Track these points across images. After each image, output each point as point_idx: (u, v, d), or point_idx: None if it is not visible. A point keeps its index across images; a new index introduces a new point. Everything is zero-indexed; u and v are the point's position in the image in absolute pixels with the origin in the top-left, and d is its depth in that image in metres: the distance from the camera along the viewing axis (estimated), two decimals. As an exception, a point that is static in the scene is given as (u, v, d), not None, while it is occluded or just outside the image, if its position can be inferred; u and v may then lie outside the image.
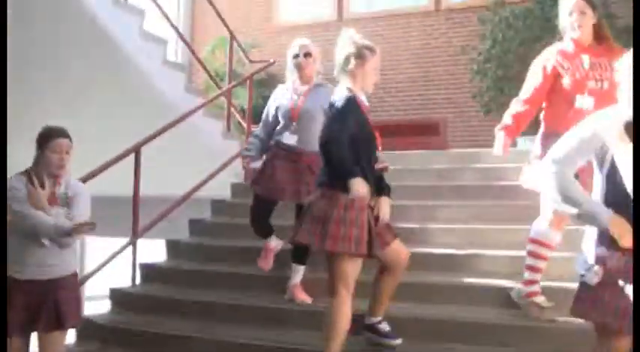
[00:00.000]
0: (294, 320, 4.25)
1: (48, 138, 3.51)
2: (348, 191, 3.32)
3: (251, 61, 7.41)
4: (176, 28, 6.77)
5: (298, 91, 4.53)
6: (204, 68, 6.75)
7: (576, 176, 2.64)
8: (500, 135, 3.98)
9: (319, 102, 4.28)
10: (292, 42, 4.59)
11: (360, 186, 3.33)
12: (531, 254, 3.85)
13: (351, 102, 3.50)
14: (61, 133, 3.54)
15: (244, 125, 6.71)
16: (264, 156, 4.63)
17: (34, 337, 3.55)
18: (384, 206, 3.57)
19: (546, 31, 7.62)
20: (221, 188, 5.91)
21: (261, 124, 4.72)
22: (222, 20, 6.86)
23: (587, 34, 3.85)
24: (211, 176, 5.62)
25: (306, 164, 4.37)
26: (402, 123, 8.92)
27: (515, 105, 3.98)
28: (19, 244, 3.42)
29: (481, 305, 4.11)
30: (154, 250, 5.46)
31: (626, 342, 2.57)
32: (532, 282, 3.85)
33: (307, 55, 4.52)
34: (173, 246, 5.40)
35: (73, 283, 3.58)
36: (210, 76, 6.82)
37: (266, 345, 3.99)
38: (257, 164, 4.57)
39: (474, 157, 5.89)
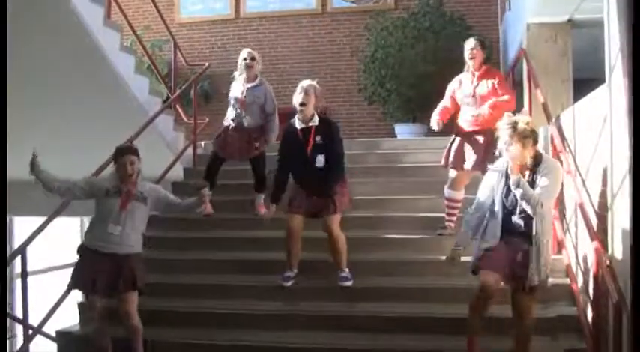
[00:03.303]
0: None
1: (115, 157, 4.77)
2: None
3: (189, 65, 8.71)
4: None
5: (245, 87, 6.40)
6: (157, 72, 7.95)
7: None
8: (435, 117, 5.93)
9: (256, 96, 6.38)
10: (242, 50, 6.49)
11: None
12: (447, 206, 5.96)
13: None
14: (122, 151, 4.77)
15: (184, 118, 8.07)
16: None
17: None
18: None
19: (418, 39, 9.56)
20: (172, 171, 7.24)
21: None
22: (170, 33, 8.11)
23: (479, 64, 5.78)
24: (174, 161, 6.96)
25: (250, 135, 6.42)
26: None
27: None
28: (103, 228, 4.62)
29: (393, 249, 5.95)
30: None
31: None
32: (448, 220, 5.95)
33: (252, 58, 6.40)
34: (152, 220, 6.74)
35: (141, 256, 4.81)
36: (163, 80, 8.05)
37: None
38: None
39: (375, 145, 7.67)
